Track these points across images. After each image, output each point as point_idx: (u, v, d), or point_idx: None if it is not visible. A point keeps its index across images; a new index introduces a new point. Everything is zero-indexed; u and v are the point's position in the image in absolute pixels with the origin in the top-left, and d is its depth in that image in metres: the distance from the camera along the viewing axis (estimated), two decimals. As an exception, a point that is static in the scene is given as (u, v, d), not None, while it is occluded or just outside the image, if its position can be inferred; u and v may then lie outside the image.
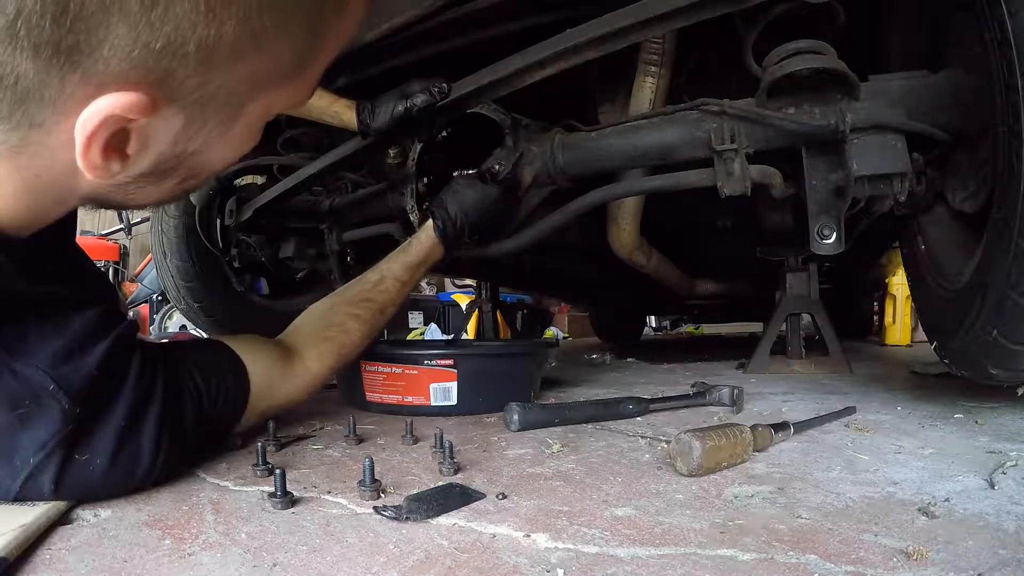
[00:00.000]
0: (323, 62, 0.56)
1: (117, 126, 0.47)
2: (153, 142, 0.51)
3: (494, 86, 1.05)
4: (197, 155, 0.55)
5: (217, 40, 0.45)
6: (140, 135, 0.50)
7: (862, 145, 0.92)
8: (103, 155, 0.49)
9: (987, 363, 0.86)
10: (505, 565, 0.46)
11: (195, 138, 0.53)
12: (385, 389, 1.07)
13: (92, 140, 0.47)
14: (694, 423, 0.95)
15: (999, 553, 0.46)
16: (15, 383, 0.56)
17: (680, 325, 5.59)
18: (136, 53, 0.44)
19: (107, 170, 0.50)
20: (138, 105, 0.46)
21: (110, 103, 0.45)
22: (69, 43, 0.43)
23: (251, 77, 0.50)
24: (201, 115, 0.51)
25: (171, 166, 0.55)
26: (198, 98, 0.49)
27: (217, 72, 0.48)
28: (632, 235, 1.52)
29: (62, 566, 0.48)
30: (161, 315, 4.44)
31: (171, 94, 0.48)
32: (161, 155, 0.53)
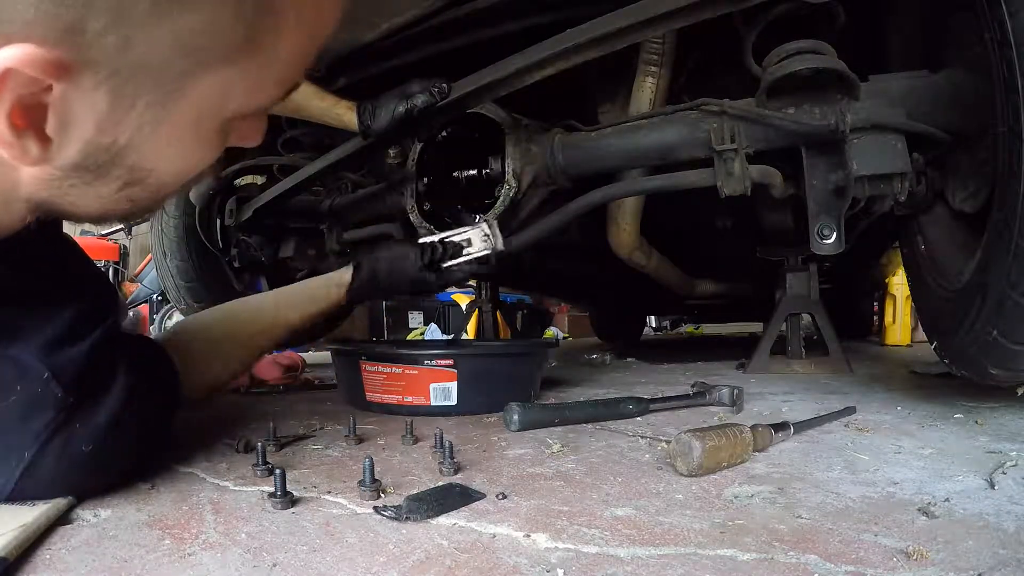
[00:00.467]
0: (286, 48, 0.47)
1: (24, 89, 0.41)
2: (75, 122, 0.45)
3: (494, 86, 1.05)
4: (133, 149, 0.48)
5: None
6: (58, 111, 0.44)
7: (862, 145, 0.92)
8: (13, 128, 0.43)
9: (987, 363, 0.86)
10: (505, 565, 0.46)
11: (125, 122, 0.46)
12: (385, 389, 1.07)
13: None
14: (694, 423, 0.95)
15: (999, 553, 0.46)
16: (8, 369, 0.56)
17: (680, 325, 5.59)
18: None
19: (23, 150, 0.44)
20: (42, 60, 0.40)
21: (6, 55, 0.39)
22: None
23: (182, 45, 0.43)
24: (129, 91, 0.44)
25: (104, 161, 0.49)
26: (120, 65, 0.43)
27: (139, 30, 0.41)
28: (632, 235, 1.52)
29: (62, 566, 0.48)
30: (161, 315, 4.44)
31: (85, 54, 0.41)
32: (88, 143, 0.47)
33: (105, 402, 0.61)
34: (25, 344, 0.57)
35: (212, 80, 0.46)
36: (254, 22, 0.44)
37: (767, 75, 0.97)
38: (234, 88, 0.47)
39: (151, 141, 0.48)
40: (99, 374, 0.62)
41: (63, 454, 0.58)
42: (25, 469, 0.57)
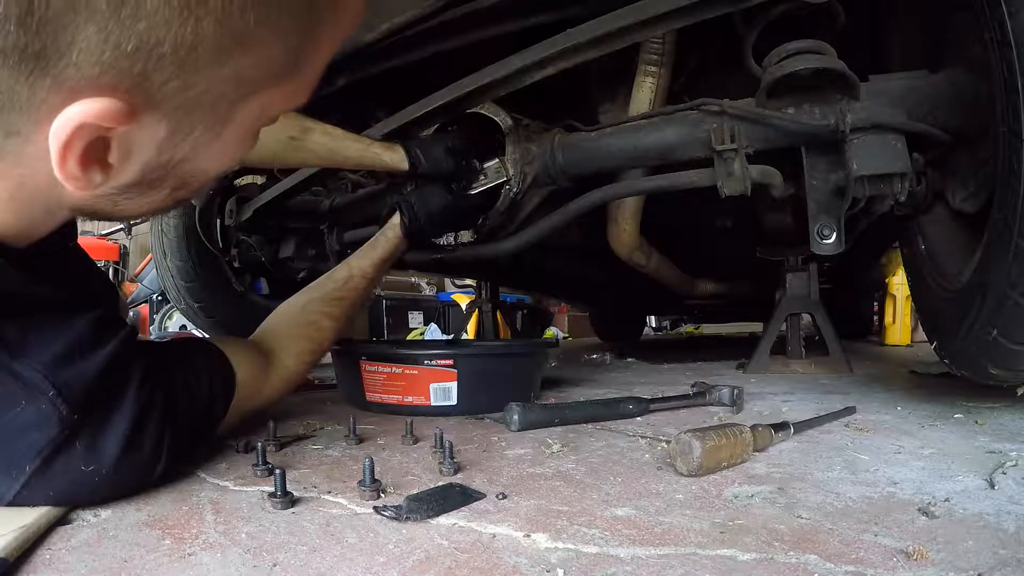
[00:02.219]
0: (320, 62, 0.53)
1: (93, 135, 0.45)
2: (136, 151, 0.48)
3: (494, 86, 1.05)
4: (186, 163, 0.52)
5: (195, 39, 0.42)
6: (121, 144, 0.47)
7: (862, 145, 0.92)
8: (81, 165, 0.46)
9: (987, 363, 0.86)
10: (505, 565, 0.46)
11: (182, 145, 0.50)
12: (385, 389, 1.07)
13: (67, 150, 0.45)
14: (694, 423, 0.95)
15: (999, 553, 0.46)
16: (14, 385, 0.55)
17: (680, 325, 5.59)
18: (107, 56, 0.41)
19: (88, 181, 0.48)
20: (113, 112, 0.43)
21: (82, 111, 0.43)
22: (36, 48, 0.40)
23: (238, 79, 0.47)
24: (187, 121, 0.48)
25: (159, 176, 0.52)
26: (181, 103, 0.46)
27: (200, 75, 0.45)
28: (632, 235, 1.52)
29: (62, 566, 0.48)
30: (161, 315, 4.44)
31: (150, 99, 0.45)
32: (147, 164, 0.50)
33: (112, 425, 0.60)
34: (33, 358, 0.55)
35: (258, 101, 0.51)
36: (297, 49, 0.49)
37: (767, 75, 0.97)
38: (275, 101, 0.52)
39: (203, 155, 0.52)
40: (111, 392, 0.60)
41: (63, 472, 0.57)
42: (24, 483, 0.56)
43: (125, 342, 0.62)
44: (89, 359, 0.58)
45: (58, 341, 0.57)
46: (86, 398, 0.57)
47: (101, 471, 0.59)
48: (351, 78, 1.24)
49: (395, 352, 1.10)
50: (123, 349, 0.62)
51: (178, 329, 4.09)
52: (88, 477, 0.58)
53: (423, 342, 2.73)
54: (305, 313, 0.98)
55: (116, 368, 0.61)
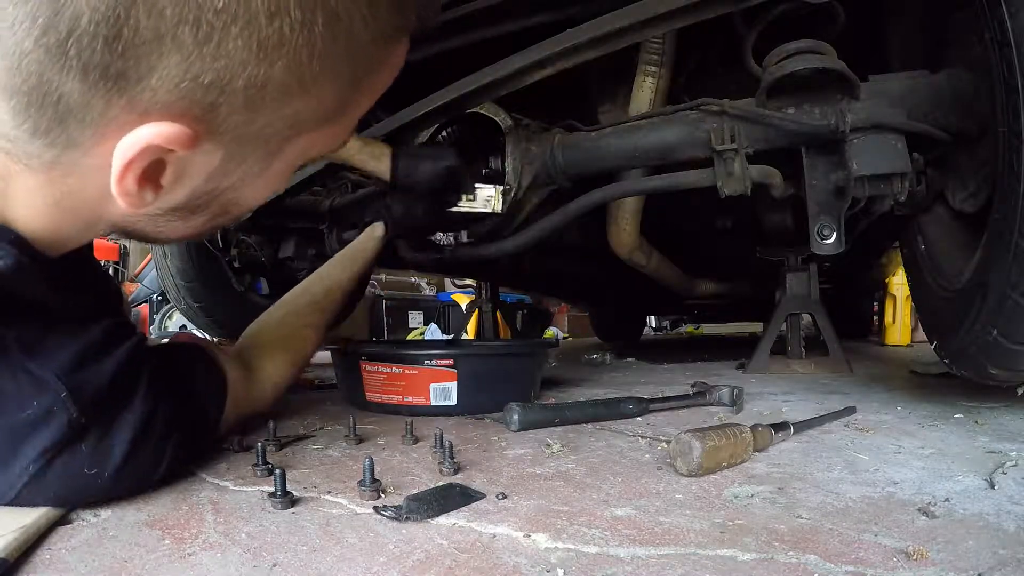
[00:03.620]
0: (362, 110, 0.55)
1: (156, 156, 0.47)
2: (189, 175, 0.50)
3: (494, 86, 1.05)
4: (231, 192, 0.55)
5: (266, 80, 0.45)
6: (177, 167, 0.49)
7: (862, 145, 0.92)
8: (138, 183, 0.48)
9: (987, 363, 0.86)
10: (505, 565, 0.46)
11: (231, 175, 0.52)
12: (385, 389, 1.07)
13: (129, 167, 0.46)
14: (694, 423, 0.95)
15: (999, 553, 0.46)
16: (28, 383, 0.55)
17: (680, 325, 5.59)
18: (184, 85, 0.43)
19: (140, 199, 0.49)
20: (180, 137, 0.45)
21: (153, 132, 0.45)
22: (118, 68, 0.42)
23: (294, 119, 0.50)
24: (240, 153, 0.51)
25: (204, 202, 0.54)
26: (239, 136, 0.49)
27: (261, 112, 0.47)
28: (632, 235, 1.52)
29: (62, 566, 0.48)
30: (161, 315, 4.45)
31: (213, 129, 0.47)
32: (196, 190, 0.52)
33: (118, 431, 0.60)
34: (47, 359, 0.56)
35: (306, 140, 0.53)
36: (347, 98, 0.52)
37: (767, 75, 0.97)
38: (319, 142, 0.55)
39: (248, 185, 0.55)
40: (118, 397, 0.61)
41: (66, 473, 0.57)
42: (27, 482, 0.56)
43: (135, 349, 0.63)
44: (102, 364, 0.59)
45: (73, 345, 0.58)
46: (96, 401, 0.58)
47: (104, 474, 0.59)
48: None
49: (395, 352, 1.10)
50: (133, 356, 0.62)
51: (178, 329, 4.09)
52: (90, 479, 0.59)
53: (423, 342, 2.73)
54: (287, 325, 0.99)
55: (126, 374, 0.61)
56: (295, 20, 0.43)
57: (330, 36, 0.45)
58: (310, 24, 0.44)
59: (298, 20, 0.43)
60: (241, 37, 0.42)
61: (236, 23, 0.42)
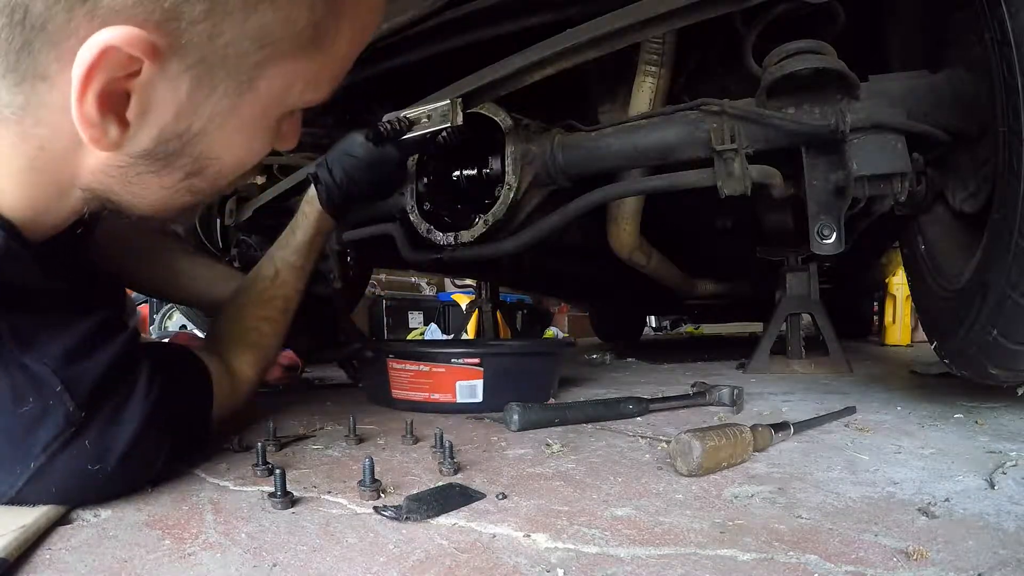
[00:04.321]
0: (342, 48, 0.52)
1: (117, 72, 0.44)
2: (155, 108, 0.48)
3: (494, 86, 1.05)
4: (203, 136, 0.51)
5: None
6: (141, 96, 0.46)
7: (862, 145, 0.92)
8: (99, 109, 0.45)
9: (987, 363, 0.86)
10: (505, 565, 0.46)
11: (200, 110, 0.49)
12: (412, 387, 1.08)
13: (89, 80, 0.44)
14: (694, 423, 0.95)
15: (999, 553, 0.46)
16: (23, 379, 0.54)
17: (680, 325, 5.59)
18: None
19: (103, 132, 0.47)
20: (141, 41, 0.43)
21: (111, 34, 0.42)
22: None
23: (262, 34, 0.46)
24: (208, 78, 0.47)
25: (174, 149, 0.51)
26: (205, 54, 0.46)
27: (227, 22, 0.44)
28: (632, 235, 1.52)
29: (62, 566, 0.48)
30: (161, 315, 4.44)
31: (177, 41, 0.44)
32: (163, 129, 0.49)
33: (121, 424, 0.60)
34: (41, 353, 0.55)
35: (279, 72, 0.49)
36: (322, 20, 0.48)
37: (767, 75, 0.97)
38: (296, 82, 0.51)
39: (220, 130, 0.51)
40: (117, 390, 0.60)
41: (68, 470, 0.57)
42: (28, 480, 0.56)
43: (130, 342, 0.62)
44: (97, 356, 0.58)
45: (67, 337, 0.57)
46: (93, 394, 0.57)
47: (107, 469, 0.59)
48: (351, 78, 1.23)
49: (423, 351, 1.11)
50: (128, 349, 0.62)
51: (178, 329, 4.09)
52: (93, 475, 0.58)
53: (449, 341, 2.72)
54: (243, 320, 0.94)
55: (122, 367, 0.61)
56: None
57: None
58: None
59: None
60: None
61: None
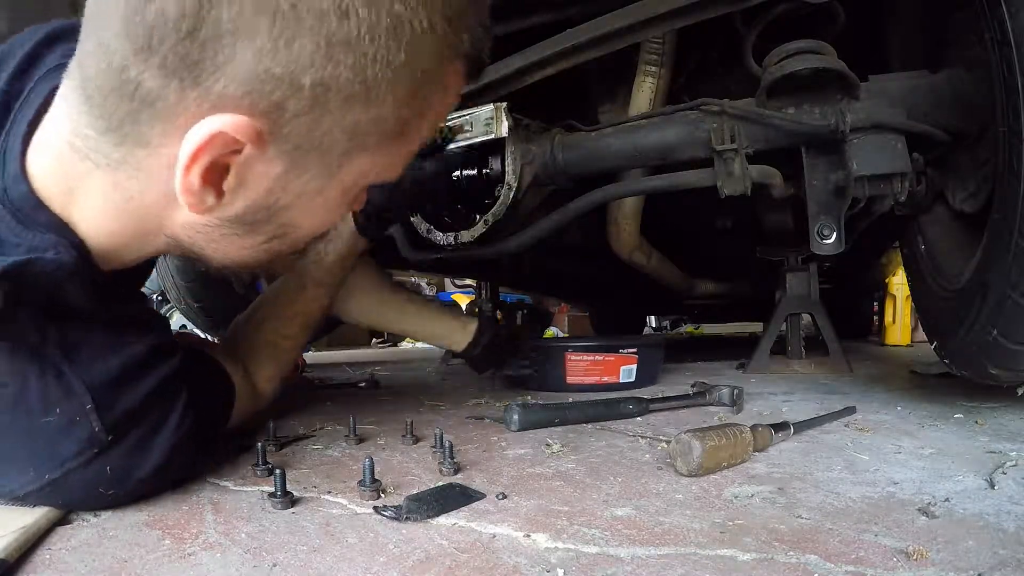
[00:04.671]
0: (418, 137, 0.55)
1: (222, 152, 0.47)
2: (250, 183, 0.50)
3: (494, 86, 1.05)
4: (288, 211, 0.54)
5: (332, 80, 0.45)
6: (239, 172, 0.49)
7: (862, 145, 0.92)
8: (201, 181, 0.48)
9: (987, 363, 0.86)
10: (505, 565, 0.46)
11: (290, 188, 0.52)
12: (587, 373, 1.35)
13: (196, 158, 0.47)
14: (694, 423, 0.95)
15: (999, 553, 0.46)
16: (57, 387, 0.54)
17: (680, 325, 5.59)
18: (255, 78, 0.44)
19: (201, 201, 0.50)
20: (248, 130, 0.46)
21: (223, 121, 0.45)
22: (195, 57, 0.43)
23: (355, 130, 0.50)
24: (301, 163, 0.51)
25: (261, 217, 0.54)
26: (303, 142, 0.49)
27: (325, 117, 0.48)
28: (632, 235, 1.52)
29: (62, 566, 0.48)
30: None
31: (279, 130, 0.47)
32: (255, 201, 0.52)
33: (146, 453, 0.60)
34: (83, 366, 0.55)
35: (364, 160, 0.53)
36: (408, 120, 0.52)
37: (767, 75, 0.97)
38: (377, 166, 0.55)
39: (305, 205, 0.54)
40: (149, 418, 0.60)
41: (81, 488, 0.57)
42: (39, 488, 0.56)
43: (173, 373, 0.62)
44: (138, 385, 0.59)
45: (114, 359, 0.57)
46: (123, 420, 0.57)
47: (120, 492, 0.59)
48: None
49: (597, 345, 1.39)
50: (170, 377, 0.62)
51: (178, 329, 4.08)
52: (105, 496, 0.59)
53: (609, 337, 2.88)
54: (264, 334, 0.95)
55: (160, 396, 0.61)
56: (362, 20, 0.44)
57: (394, 41, 0.46)
58: (375, 26, 0.44)
59: (364, 20, 0.44)
60: (312, 32, 0.43)
61: (308, 17, 0.43)
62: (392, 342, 5.01)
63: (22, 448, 0.55)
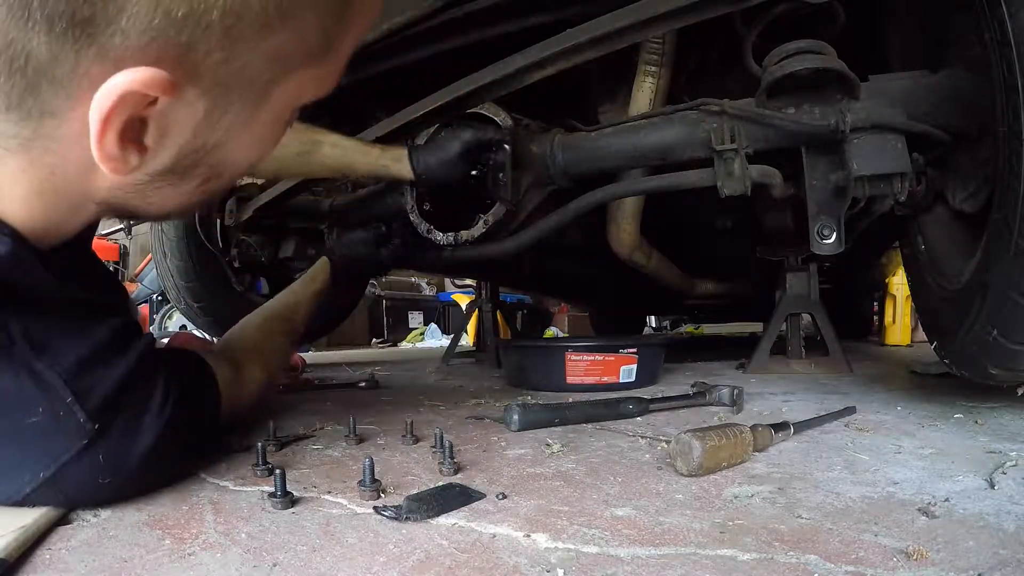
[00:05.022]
0: (347, 47, 0.52)
1: (135, 109, 0.44)
2: (173, 131, 0.47)
3: (494, 86, 1.05)
4: (220, 148, 0.51)
5: (242, 9, 0.42)
6: (159, 123, 0.46)
7: (862, 145, 0.92)
8: (119, 143, 0.45)
9: (987, 363, 0.86)
10: (505, 565, 0.46)
11: (217, 127, 0.49)
12: (587, 373, 1.36)
13: (108, 123, 0.43)
14: (694, 423, 0.95)
15: (999, 553, 0.46)
16: (33, 386, 0.53)
17: (680, 325, 5.59)
18: (156, 22, 0.40)
19: (124, 162, 0.47)
20: (159, 81, 0.42)
21: (128, 78, 0.42)
22: (85, 14, 0.39)
23: (276, 55, 0.46)
24: (224, 99, 0.47)
25: (192, 162, 0.51)
26: (222, 77, 0.45)
27: (242, 47, 0.44)
28: (632, 235, 1.52)
29: (62, 566, 0.48)
30: (161, 315, 4.45)
31: (193, 72, 0.44)
32: (182, 148, 0.49)
33: (135, 438, 0.59)
34: (54, 359, 0.54)
35: (292, 82, 0.50)
36: (331, 31, 0.49)
37: (767, 75, 0.97)
38: (308, 84, 0.51)
39: (236, 140, 0.51)
40: (131, 403, 0.59)
41: (78, 481, 0.56)
42: (36, 488, 0.55)
43: (146, 351, 0.61)
44: (111, 367, 0.57)
45: (80, 346, 0.56)
46: (105, 407, 0.56)
47: (118, 481, 0.59)
48: (351, 78, 1.24)
49: (597, 345, 1.39)
50: (144, 358, 0.61)
51: (178, 329, 4.09)
52: (103, 487, 0.58)
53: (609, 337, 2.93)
54: (265, 331, 1.02)
55: (138, 378, 0.60)
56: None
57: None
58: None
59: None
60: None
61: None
62: (392, 342, 5.01)
63: (11, 452, 0.55)
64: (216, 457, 0.78)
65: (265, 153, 0.57)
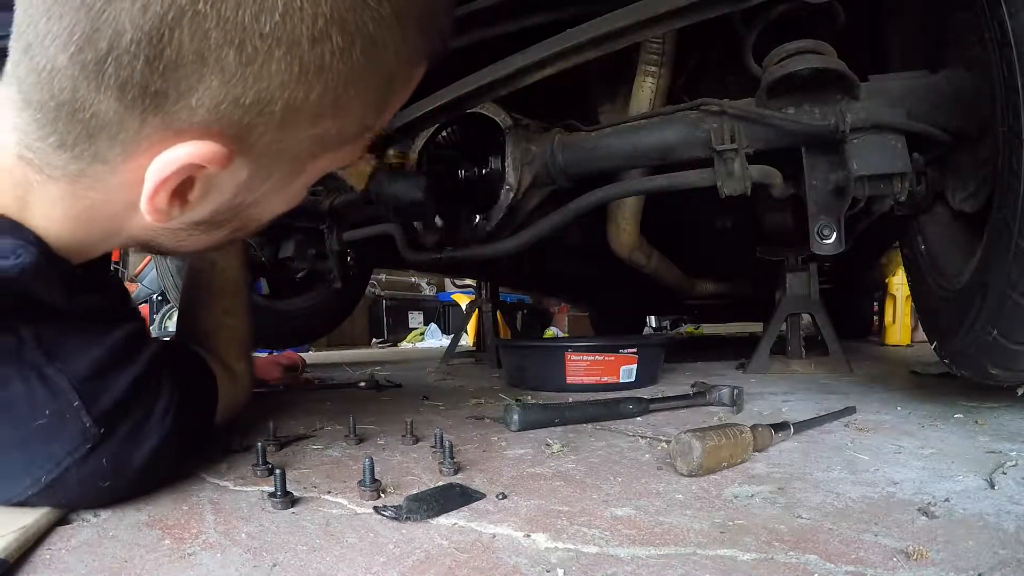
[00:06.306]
0: (379, 128, 0.56)
1: (190, 173, 0.47)
2: (217, 191, 0.51)
3: (494, 86, 1.05)
4: (253, 207, 0.55)
5: (303, 103, 0.45)
6: (205, 183, 0.49)
7: (862, 145, 0.92)
8: (168, 200, 0.48)
9: (987, 363, 0.86)
10: (505, 565, 0.46)
11: (255, 191, 0.53)
12: (587, 373, 1.36)
13: (163, 185, 0.46)
14: (694, 423, 0.95)
15: (999, 553, 0.46)
16: (42, 389, 0.54)
17: (680, 325, 5.59)
18: (224, 106, 0.43)
19: (167, 214, 0.50)
20: (217, 156, 0.45)
21: (191, 151, 0.45)
22: (157, 87, 0.42)
23: (321, 139, 0.50)
24: (267, 169, 0.51)
25: (227, 217, 0.55)
26: (269, 153, 0.49)
27: (293, 132, 0.48)
28: (632, 235, 1.52)
29: (62, 566, 0.48)
30: (161, 315, 4.45)
31: (246, 147, 0.47)
32: (221, 205, 0.53)
33: (139, 443, 0.59)
34: (65, 364, 0.55)
35: (327, 158, 0.54)
36: (370, 120, 0.53)
37: (767, 75, 0.97)
38: (339, 158, 0.56)
39: (269, 200, 0.56)
40: (137, 408, 0.60)
41: (80, 484, 0.56)
42: (38, 491, 0.55)
43: (155, 358, 0.62)
44: (120, 374, 0.58)
45: (93, 351, 0.57)
46: (111, 412, 0.57)
47: (119, 484, 0.59)
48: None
49: (597, 345, 1.40)
50: (152, 366, 0.61)
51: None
52: (104, 490, 0.58)
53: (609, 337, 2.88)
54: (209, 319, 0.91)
55: (144, 385, 0.60)
56: (336, 46, 0.43)
57: (366, 62, 0.45)
58: (350, 50, 0.44)
59: (339, 46, 0.43)
60: (284, 60, 0.42)
61: (280, 47, 0.41)
62: (392, 342, 5.01)
63: (15, 455, 0.55)
64: (216, 457, 0.78)
65: (290, 208, 0.61)
